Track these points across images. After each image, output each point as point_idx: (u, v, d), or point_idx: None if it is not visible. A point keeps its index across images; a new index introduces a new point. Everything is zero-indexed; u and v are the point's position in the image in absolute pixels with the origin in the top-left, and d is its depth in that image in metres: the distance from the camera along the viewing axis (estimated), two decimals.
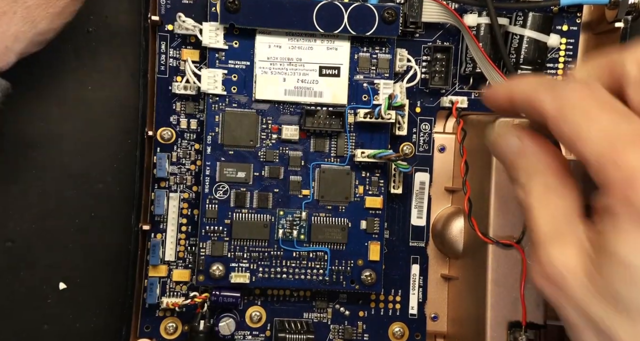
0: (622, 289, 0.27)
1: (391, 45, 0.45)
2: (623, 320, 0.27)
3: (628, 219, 0.26)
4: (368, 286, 0.45)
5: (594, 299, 0.27)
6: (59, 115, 0.46)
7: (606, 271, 0.27)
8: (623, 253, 0.26)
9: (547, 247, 0.29)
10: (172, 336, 0.46)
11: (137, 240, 0.44)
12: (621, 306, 0.27)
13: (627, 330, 0.27)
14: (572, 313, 0.29)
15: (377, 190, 0.45)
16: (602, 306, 0.27)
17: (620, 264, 0.26)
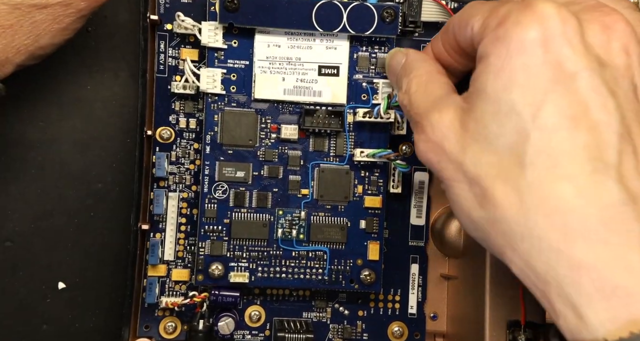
0: (490, 124, 0.29)
1: (390, 45, 0.45)
2: (489, 157, 0.29)
3: (496, 55, 0.29)
4: (367, 286, 0.45)
5: (467, 147, 0.30)
6: (58, 114, 0.46)
7: (476, 113, 0.30)
8: (489, 88, 0.29)
9: (428, 115, 0.33)
10: (171, 335, 0.46)
11: (136, 239, 0.44)
12: (487, 144, 0.29)
13: (493, 166, 0.29)
14: (449, 168, 0.31)
15: (376, 189, 0.45)
16: (472, 152, 0.30)
17: (487, 99, 0.29)
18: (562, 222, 0.27)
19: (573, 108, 0.28)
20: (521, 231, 0.28)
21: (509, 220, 0.29)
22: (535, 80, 0.28)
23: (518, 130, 0.29)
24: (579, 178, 0.28)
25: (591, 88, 0.28)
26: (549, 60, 0.28)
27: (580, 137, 0.28)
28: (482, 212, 0.30)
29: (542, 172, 0.28)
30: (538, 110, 0.28)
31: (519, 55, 0.29)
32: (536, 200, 0.28)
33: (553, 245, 0.28)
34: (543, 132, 0.28)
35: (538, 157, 0.28)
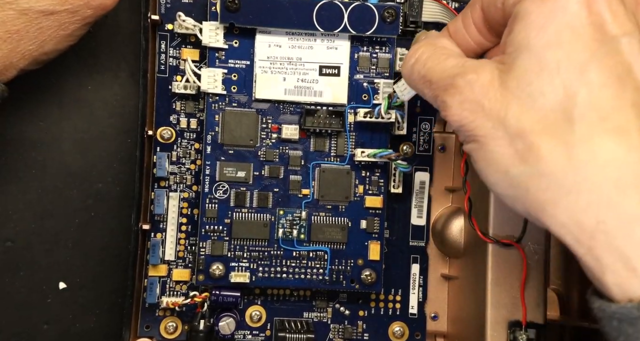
0: (534, 82, 0.30)
1: (391, 45, 0.45)
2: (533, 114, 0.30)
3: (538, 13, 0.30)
4: (368, 286, 0.45)
5: (509, 103, 0.30)
6: (59, 114, 0.46)
7: (518, 71, 0.30)
8: (532, 45, 0.30)
9: (463, 75, 0.32)
10: (172, 335, 0.46)
11: (137, 239, 0.44)
12: (531, 101, 0.30)
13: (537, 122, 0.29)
14: (486, 126, 0.31)
15: (377, 189, 0.45)
16: (515, 108, 0.30)
17: (531, 57, 0.30)
18: (616, 175, 0.28)
19: (618, 68, 0.29)
20: (569, 184, 0.29)
21: (555, 174, 0.29)
22: (580, 39, 0.29)
23: (565, 86, 0.29)
24: (631, 133, 0.28)
25: (633, 52, 0.29)
26: (593, 22, 0.29)
27: (627, 94, 0.29)
28: (523, 168, 0.30)
29: (592, 126, 0.28)
30: (585, 68, 0.29)
31: (564, 14, 0.29)
32: (587, 154, 0.28)
33: (604, 198, 0.28)
34: (591, 88, 0.29)
35: (587, 111, 0.29)
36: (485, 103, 0.31)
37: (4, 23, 0.38)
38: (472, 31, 0.37)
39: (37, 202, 0.47)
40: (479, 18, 0.36)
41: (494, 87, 0.31)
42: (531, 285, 0.41)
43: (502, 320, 0.40)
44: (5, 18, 0.38)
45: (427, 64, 0.35)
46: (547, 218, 0.30)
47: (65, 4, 0.40)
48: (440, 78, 0.34)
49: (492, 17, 0.35)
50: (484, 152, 0.32)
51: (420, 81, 0.35)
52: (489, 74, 0.32)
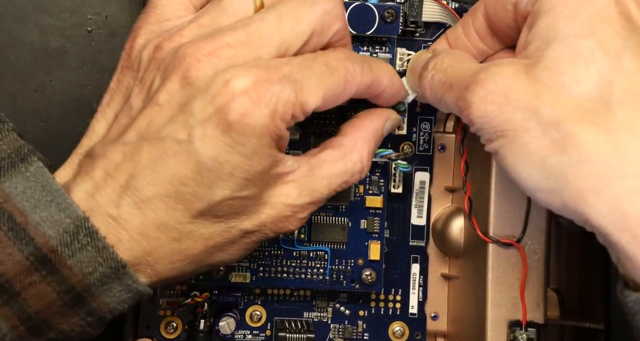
0: (567, 72, 0.29)
1: (391, 45, 0.45)
2: (568, 103, 0.29)
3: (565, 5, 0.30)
4: (368, 286, 0.45)
5: (540, 95, 0.30)
6: (59, 115, 0.46)
7: (548, 63, 0.30)
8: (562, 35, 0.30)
9: (488, 69, 0.31)
10: (172, 335, 0.46)
11: None
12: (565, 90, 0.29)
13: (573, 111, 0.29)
14: (516, 119, 0.30)
15: (377, 189, 0.45)
16: (548, 99, 0.30)
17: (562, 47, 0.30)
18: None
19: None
20: (613, 171, 0.28)
21: (598, 161, 0.28)
22: (611, 27, 0.29)
23: (601, 74, 0.29)
24: None
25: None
26: (621, 12, 0.30)
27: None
28: (561, 157, 0.29)
29: (634, 112, 0.29)
30: (619, 55, 0.29)
31: (591, 4, 0.30)
32: (631, 139, 0.28)
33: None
34: (628, 75, 0.29)
35: (626, 98, 0.29)
36: (511, 95, 0.30)
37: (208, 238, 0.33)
38: (473, 38, 0.36)
39: None
40: (481, 25, 0.35)
41: (520, 79, 0.30)
42: (531, 285, 0.41)
43: (502, 320, 0.40)
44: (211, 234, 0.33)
45: (449, 70, 0.34)
46: (588, 208, 0.29)
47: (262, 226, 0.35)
48: (461, 78, 0.33)
49: (499, 21, 0.35)
50: (516, 146, 0.31)
51: (442, 89, 0.35)
52: (513, 66, 0.31)
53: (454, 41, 0.38)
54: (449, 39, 0.38)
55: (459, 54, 0.35)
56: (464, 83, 0.33)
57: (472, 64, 0.34)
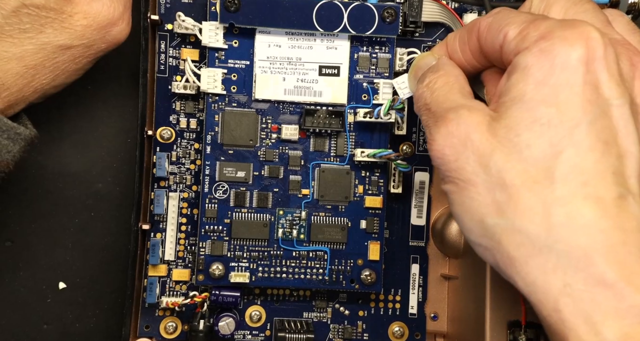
0: (523, 134, 0.29)
1: (391, 45, 0.45)
2: (517, 165, 0.30)
3: (539, 67, 0.30)
4: (368, 286, 0.45)
5: (494, 150, 0.30)
6: (58, 115, 0.46)
7: (510, 120, 0.30)
8: (528, 98, 0.30)
9: (455, 110, 0.32)
10: (171, 335, 0.46)
11: (136, 239, 0.44)
12: (517, 151, 0.30)
13: (519, 175, 0.29)
14: (468, 169, 0.31)
15: (376, 189, 0.45)
16: (500, 155, 0.30)
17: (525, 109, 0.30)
18: (586, 241, 0.28)
19: (606, 133, 0.29)
20: (542, 244, 0.29)
21: (530, 232, 0.29)
22: (575, 98, 0.29)
23: (552, 143, 0.29)
24: (607, 201, 0.28)
25: (622, 118, 0.29)
26: (589, 81, 0.29)
27: (610, 161, 0.29)
28: (499, 219, 0.30)
29: (573, 189, 0.28)
30: (575, 128, 0.29)
31: (563, 71, 0.29)
32: (563, 216, 0.28)
33: (573, 262, 0.28)
34: (578, 149, 0.29)
35: (570, 173, 0.29)
36: (468, 145, 0.31)
37: (22, 58, 0.38)
38: (467, 55, 0.36)
39: (37, 202, 0.47)
40: (475, 47, 0.35)
41: (481, 131, 0.31)
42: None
43: (501, 320, 0.40)
44: (24, 53, 0.38)
45: (435, 94, 0.35)
46: (515, 275, 0.30)
47: (82, 39, 0.40)
48: (437, 109, 0.34)
49: (488, 51, 0.35)
50: (462, 197, 0.31)
51: (423, 107, 0.35)
52: (481, 116, 0.31)
53: (451, 52, 0.38)
54: (448, 48, 0.38)
55: (452, 77, 0.35)
56: (437, 115, 0.33)
57: (455, 96, 0.34)
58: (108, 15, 0.40)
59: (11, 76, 0.38)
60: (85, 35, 0.40)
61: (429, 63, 0.38)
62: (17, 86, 0.39)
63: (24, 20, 0.38)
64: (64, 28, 0.39)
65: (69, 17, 0.39)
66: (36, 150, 0.46)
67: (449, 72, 0.36)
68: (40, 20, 0.38)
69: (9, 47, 0.38)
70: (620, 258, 0.28)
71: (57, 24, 0.39)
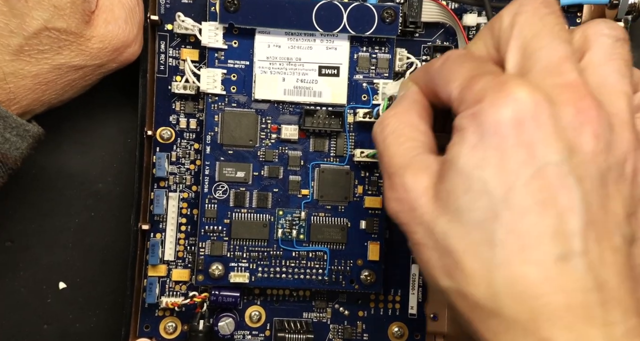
0: (461, 198, 0.29)
1: (391, 45, 0.45)
2: (459, 230, 0.30)
3: (472, 131, 0.29)
4: (367, 286, 0.45)
5: (438, 215, 0.30)
6: (58, 114, 0.46)
7: (448, 185, 0.30)
8: (462, 163, 0.29)
9: (402, 174, 0.32)
10: (171, 335, 0.46)
11: (136, 239, 0.44)
12: (458, 216, 0.30)
13: (462, 239, 0.29)
14: (419, 232, 0.31)
15: (376, 189, 0.45)
16: (443, 220, 0.30)
17: (460, 174, 0.29)
18: (529, 306, 0.28)
19: (542, 193, 0.28)
20: (489, 309, 0.29)
21: (477, 298, 0.29)
22: (507, 161, 0.29)
23: (488, 208, 0.29)
24: (546, 264, 0.28)
25: (559, 176, 0.28)
26: (521, 143, 0.28)
27: (548, 222, 0.28)
28: (450, 283, 0.30)
29: (511, 254, 0.28)
30: (509, 191, 0.28)
31: (494, 136, 0.29)
32: (504, 281, 0.28)
33: (519, 326, 0.28)
34: (513, 213, 0.28)
35: (507, 237, 0.28)
36: (417, 210, 0.31)
37: (37, 76, 0.39)
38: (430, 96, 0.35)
39: (37, 202, 0.47)
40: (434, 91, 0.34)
41: (427, 195, 0.31)
42: None
43: None
44: (39, 71, 0.39)
45: (387, 140, 0.34)
46: (474, 334, 0.30)
47: (96, 59, 0.40)
48: (388, 163, 0.33)
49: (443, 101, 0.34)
50: (419, 259, 0.32)
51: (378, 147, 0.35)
52: (427, 179, 0.31)
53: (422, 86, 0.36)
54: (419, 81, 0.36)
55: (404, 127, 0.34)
56: (387, 170, 0.33)
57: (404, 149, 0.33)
58: (123, 38, 0.41)
59: (23, 91, 0.39)
60: (99, 56, 0.40)
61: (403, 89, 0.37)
62: (26, 100, 0.40)
63: (43, 42, 0.38)
64: (80, 50, 0.40)
65: (86, 41, 0.40)
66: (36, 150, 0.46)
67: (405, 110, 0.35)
68: (59, 42, 0.39)
69: (25, 66, 0.38)
70: (566, 322, 0.27)
71: (75, 46, 0.39)
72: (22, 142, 0.39)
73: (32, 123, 0.40)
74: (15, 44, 0.38)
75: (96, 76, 0.42)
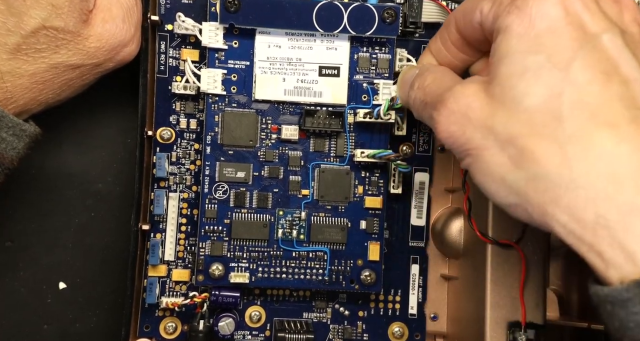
0: (517, 85, 0.30)
1: (391, 45, 0.45)
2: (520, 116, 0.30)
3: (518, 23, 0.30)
4: (368, 286, 0.45)
5: (495, 111, 0.31)
6: (57, 114, 0.46)
7: (501, 78, 0.30)
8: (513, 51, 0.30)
9: (450, 90, 0.33)
10: (171, 336, 0.46)
11: (136, 239, 0.44)
12: (517, 104, 0.30)
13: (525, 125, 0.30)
14: (476, 138, 0.31)
15: (376, 190, 0.45)
16: (503, 113, 0.30)
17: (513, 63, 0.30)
18: (609, 169, 0.28)
19: (603, 64, 0.29)
20: (566, 182, 0.28)
21: (552, 174, 0.29)
22: (561, 40, 0.30)
23: (550, 86, 0.29)
24: (621, 126, 0.28)
25: (616, 47, 0.29)
26: (572, 22, 0.30)
27: (614, 89, 0.29)
28: (519, 173, 0.30)
29: (582, 123, 0.29)
30: (568, 67, 0.29)
31: (542, 20, 0.30)
32: (580, 150, 0.28)
33: (601, 192, 0.28)
34: (577, 86, 0.29)
35: (575, 108, 0.29)
36: (471, 115, 0.31)
37: (34, 75, 0.39)
38: (452, 50, 0.37)
39: (37, 202, 0.47)
40: (457, 38, 0.36)
41: (479, 98, 0.31)
42: (530, 285, 0.41)
43: (501, 321, 0.40)
44: (36, 70, 0.39)
45: (426, 89, 0.35)
46: (549, 220, 0.29)
47: (93, 58, 0.40)
48: (433, 98, 0.34)
49: (470, 36, 0.35)
50: (479, 164, 0.32)
51: (421, 108, 0.36)
52: (475, 85, 0.32)
53: (436, 53, 0.38)
54: (432, 51, 0.39)
55: (439, 72, 0.36)
56: (435, 102, 0.34)
57: (446, 82, 0.35)
58: (120, 37, 0.41)
59: (20, 90, 0.39)
60: (96, 56, 0.40)
61: (414, 74, 0.39)
62: (23, 99, 0.40)
63: (41, 41, 0.38)
64: (78, 49, 0.40)
65: (83, 40, 0.40)
66: (36, 150, 0.46)
67: (434, 70, 0.37)
68: (56, 41, 0.39)
69: (22, 65, 0.38)
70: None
71: (72, 45, 0.39)
72: (18, 142, 0.39)
73: (29, 122, 0.40)
74: (13, 43, 0.38)
75: (93, 75, 0.42)
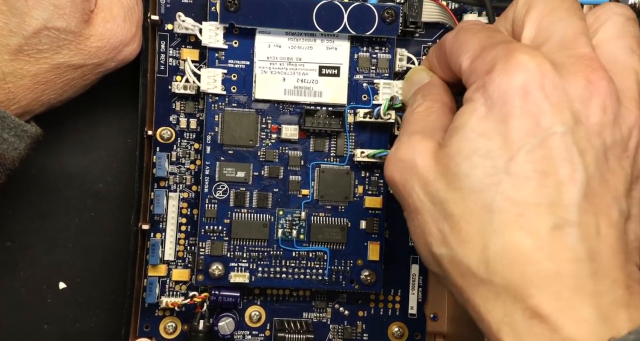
0: (462, 163, 0.30)
1: (391, 45, 0.45)
2: (457, 194, 0.30)
3: (481, 103, 0.30)
4: (367, 286, 0.45)
5: (438, 178, 0.31)
6: (58, 115, 0.46)
7: (451, 149, 0.30)
8: (468, 130, 0.30)
9: (410, 138, 0.33)
10: (171, 335, 0.46)
11: (136, 239, 0.44)
12: (456, 181, 0.30)
13: (458, 204, 0.30)
14: (416, 195, 0.31)
15: (376, 189, 0.45)
16: (441, 184, 0.30)
17: (464, 140, 0.30)
18: (520, 273, 0.28)
19: (544, 163, 0.29)
20: (481, 275, 0.29)
21: (470, 263, 0.29)
22: (513, 130, 0.29)
23: (490, 174, 0.29)
24: (541, 233, 0.28)
25: (562, 147, 0.29)
26: (528, 112, 0.29)
27: (546, 192, 0.28)
28: (444, 249, 0.30)
29: (507, 221, 0.28)
30: (512, 159, 0.29)
31: (502, 106, 0.29)
32: (498, 248, 0.29)
33: (510, 294, 0.28)
34: (515, 180, 0.29)
35: (505, 204, 0.29)
36: (414, 170, 0.31)
37: (36, 75, 0.39)
38: (444, 72, 0.37)
39: (37, 202, 0.47)
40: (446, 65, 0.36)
41: (426, 156, 0.31)
42: None
43: None
44: (38, 71, 0.39)
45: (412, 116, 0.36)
46: (464, 303, 0.30)
47: (94, 58, 0.40)
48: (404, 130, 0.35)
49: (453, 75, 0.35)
50: (413, 226, 0.32)
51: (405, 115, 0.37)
52: (430, 143, 0.32)
53: (431, 66, 0.38)
54: (429, 63, 0.39)
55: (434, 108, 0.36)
56: (402, 134, 0.34)
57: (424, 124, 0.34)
58: (121, 36, 0.41)
59: (22, 91, 0.39)
60: (98, 55, 0.40)
61: (422, 80, 0.39)
62: (26, 100, 0.40)
63: (42, 41, 0.38)
64: (79, 49, 0.40)
65: (85, 40, 0.40)
66: (36, 150, 0.46)
67: (435, 98, 0.36)
68: (58, 42, 0.39)
69: (24, 65, 0.38)
70: (554, 290, 0.28)
71: (74, 45, 0.39)
72: (20, 143, 0.39)
73: (30, 123, 0.40)
74: (15, 44, 0.38)
75: (95, 75, 0.42)
